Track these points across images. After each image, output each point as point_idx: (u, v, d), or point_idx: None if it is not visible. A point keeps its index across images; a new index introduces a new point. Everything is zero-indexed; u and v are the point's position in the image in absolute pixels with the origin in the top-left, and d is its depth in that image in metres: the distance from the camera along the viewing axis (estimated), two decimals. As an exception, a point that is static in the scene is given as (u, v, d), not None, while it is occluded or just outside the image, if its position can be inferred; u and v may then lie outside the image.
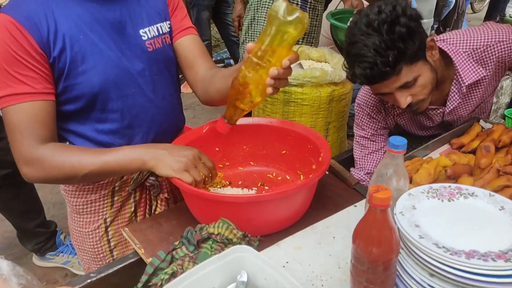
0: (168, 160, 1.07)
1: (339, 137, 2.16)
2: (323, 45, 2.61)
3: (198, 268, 0.81)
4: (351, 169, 1.60)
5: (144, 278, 0.90)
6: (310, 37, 2.58)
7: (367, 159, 1.57)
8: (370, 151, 1.57)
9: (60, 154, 1.09)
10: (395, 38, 1.20)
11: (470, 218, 0.85)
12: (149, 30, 1.20)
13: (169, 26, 1.26)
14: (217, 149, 1.34)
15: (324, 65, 2.26)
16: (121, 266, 1.08)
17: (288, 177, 1.35)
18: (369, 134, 1.56)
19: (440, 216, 0.85)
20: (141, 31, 1.19)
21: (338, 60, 2.21)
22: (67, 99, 1.12)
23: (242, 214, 1.04)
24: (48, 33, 1.05)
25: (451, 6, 5.39)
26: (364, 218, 0.78)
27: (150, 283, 0.89)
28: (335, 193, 1.27)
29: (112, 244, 1.34)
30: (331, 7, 2.88)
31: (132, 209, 1.33)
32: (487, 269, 0.71)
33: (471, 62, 1.38)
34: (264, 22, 2.48)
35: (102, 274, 1.05)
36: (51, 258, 2.24)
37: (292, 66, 1.00)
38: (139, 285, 0.90)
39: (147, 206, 1.35)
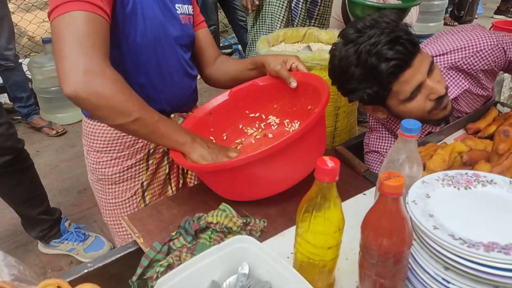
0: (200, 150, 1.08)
1: (349, 122, 2.09)
2: (333, 28, 2.52)
3: (196, 260, 0.76)
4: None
5: (138, 271, 0.85)
6: (322, 18, 2.50)
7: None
8: None
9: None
10: (392, 18, 1.12)
11: (489, 208, 0.79)
12: (181, 7, 1.30)
13: (192, 10, 1.37)
14: (247, 111, 1.40)
15: (333, 48, 2.18)
16: (119, 255, 1.04)
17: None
18: None
19: (456, 205, 0.79)
20: (176, 5, 1.28)
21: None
22: (113, 43, 1.06)
23: (252, 175, 1.00)
24: None
25: (466, -11, 5.25)
26: (374, 207, 0.72)
27: (145, 276, 0.85)
28: (343, 181, 1.19)
29: None
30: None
31: (167, 171, 1.37)
32: (508, 263, 0.65)
33: (452, 76, 1.32)
34: (276, 4, 2.37)
35: (100, 264, 1.01)
36: (56, 246, 2.22)
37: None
38: (134, 278, 0.85)
39: (180, 169, 1.39)
